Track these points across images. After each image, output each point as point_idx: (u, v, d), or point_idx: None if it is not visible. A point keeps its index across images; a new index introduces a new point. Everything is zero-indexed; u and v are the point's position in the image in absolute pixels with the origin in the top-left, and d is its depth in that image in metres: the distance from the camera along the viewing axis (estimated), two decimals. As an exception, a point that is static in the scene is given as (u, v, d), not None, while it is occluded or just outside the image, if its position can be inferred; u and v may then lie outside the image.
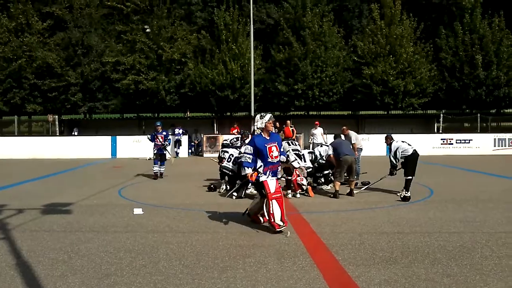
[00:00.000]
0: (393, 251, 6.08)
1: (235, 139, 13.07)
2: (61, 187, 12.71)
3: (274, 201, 7.04)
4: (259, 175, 7.20)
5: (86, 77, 28.96)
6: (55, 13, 29.29)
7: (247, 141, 12.18)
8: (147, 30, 28.61)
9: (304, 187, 10.10)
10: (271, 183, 7.14)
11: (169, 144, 15.19)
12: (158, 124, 14.93)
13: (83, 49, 29.26)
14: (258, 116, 7.44)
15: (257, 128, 7.42)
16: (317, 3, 29.17)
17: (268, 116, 7.33)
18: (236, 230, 7.32)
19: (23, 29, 28.75)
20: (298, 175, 7.64)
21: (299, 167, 8.47)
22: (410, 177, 10.49)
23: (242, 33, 28.92)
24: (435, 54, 29.10)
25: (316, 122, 19.50)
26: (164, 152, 14.73)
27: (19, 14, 28.64)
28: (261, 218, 7.50)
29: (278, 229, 6.94)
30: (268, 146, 7.24)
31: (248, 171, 7.23)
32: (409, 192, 10.33)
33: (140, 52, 28.52)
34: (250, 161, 7.24)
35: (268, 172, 7.23)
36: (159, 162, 14.55)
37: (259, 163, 7.23)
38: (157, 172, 14.49)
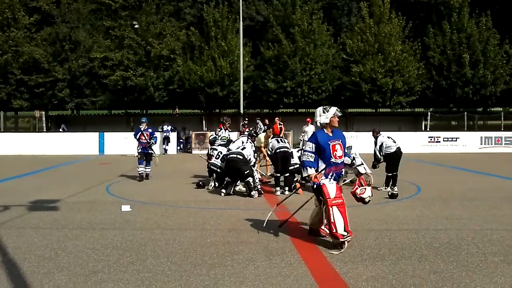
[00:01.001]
0: (381, 248, 6.12)
1: (218, 130, 13.03)
2: (47, 184, 12.58)
3: (334, 207, 6.14)
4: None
5: (73, 72, 28.75)
6: (42, 8, 29.02)
7: (256, 142, 12.23)
8: (136, 26, 28.47)
9: (367, 200, 6.99)
10: (331, 188, 6.23)
11: (155, 142, 13.81)
12: (143, 120, 13.72)
13: (71, 44, 29.02)
14: (320, 110, 6.45)
15: (319, 124, 6.51)
16: (307, 1, 29.32)
17: (333, 110, 6.41)
18: (224, 227, 7.31)
19: (9, 23, 28.43)
20: (361, 184, 6.48)
21: (365, 173, 6.99)
22: (391, 174, 10.83)
23: (232, 30, 28.89)
24: (423, 52, 29.36)
25: (308, 119, 19.51)
26: (150, 152, 13.44)
27: (5, 8, 28.30)
28: (326, 230, 6.37)
29: (342, 240, 6.03)
30: (331, 144, 6.32)
31: (311, 171, 6.30)
32: (390, 187, 10.63)
33: (128, 48, 28.37)
34: (312, 160, 6.32)
35: (331, 175, 6.31)
36: (144, 162, 13.26)
37: (321, 164, 6.34)
38: (142, 173, 13.22)
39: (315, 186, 6.30)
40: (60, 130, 28.83)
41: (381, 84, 27.76)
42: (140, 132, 13.32)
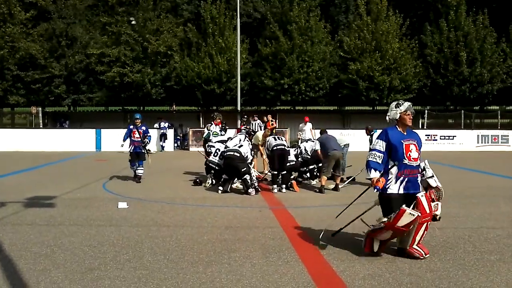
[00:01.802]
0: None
1: (209, 125, 13.03)
2: (44, 180, 12.55)
3: (423, 225, 5.44)
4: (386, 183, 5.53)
5: (70, 69, 28.63)
6: (39, 3, 28.87)
7: (253, 140, 12.24)
8: (133, 22, 28.37)
9: (439, 217, 6.10)
10: (424, 201, 5.47)
11: (149, 142, 12.70)
12: (137, 117, 12.62)
13: (67, 40, 28.90)
14: (393, 104, 5.79)
15: (388, 119, 5.78)
16: (304, -2, 29.23)
17: (406, 105, 5.69)
18: (221, 225, 7.30)
19: (5, 19, 28.26)
20: (433, 199, 5.71)
21: (435, 187, 5.70)
22: None
23: (229, 26, 28.84)
24: (420, 50, 29.39)
25: (306, 118, 19.43)
26: (142, 151, 12.30)
27: (1, 4, 28.14)
28: (420, 250, 5.53)
29: (421, 256, 5.45)
30: (405, 143, 5.55)
31: (374, 174, 5.50)
32: None
33: (125, 44, 28.27)
34: (379, 161, 5.53)
35: (402, 178, 5.52)
36: (136, 163, 12.13)
37: (394, 168, 5.57)
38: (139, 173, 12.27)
39: (375, 190, 5.57)
40: (65, 125, 28.61)
41: (378, 82, 27.77)
42: (133, 130, 12.28)
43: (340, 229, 6.34)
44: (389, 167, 5.55)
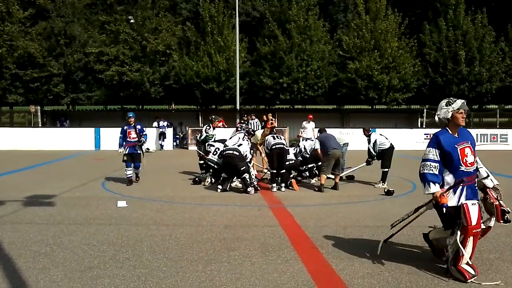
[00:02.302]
0: (377, 244, 6.12)
1: (207, 127, 13.02)
2: (43, 179, 12.53)
3: (471, 238, 4.86)
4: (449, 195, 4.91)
5: (69, 67, 28.58)
6: (37, 2, 28.80)
7: (253, 139, 12.22)
8: (131, 21, 28.31)
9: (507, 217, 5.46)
10: (473, 210, 4.82)
11: (145, 141, 12.09)
12: (131, 115, 11.81)
13: (66, 39, 28.84)
14: (443, 102, 5.13)
15: (438, 119, 5.20)
16: (303, -3, 29.19)
17: (459, 103, 5.00)
18: (220, 223, 7.31)
19: (3, 17, 28.15)
20: (496, 198, 5.08)
21: (493, 187, 5.28)
22: (387, 169, 11.17)
23: (228, 25, 28.81)
24: (419, 49, 29.39)
25: (310, 116, 19.15)
26: (138, 152, 11.69)
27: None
28: (472, 271, 4.84)
29: (468, 280, 4.75)
30: (459, 148, 4.94)
31: (434, 189, 4.91)
32: (386, 183, 10.96)
33: (124, 43, 28.21)
34: (436, 172, 4.94)
35: (461, 188, 4.92)
36: (132, 164, 11.48)
37: (449, 176, 4.98)
38: (131, 176, 11.47)
39: (442, 208, 4.84)
40: (65, 124, 28.30)
41: (377, 81, 27.77)
42: (128, 130, 11.54)
43: (393, 235, 5.95)
44: (444, 176, 4.98)
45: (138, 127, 11.68)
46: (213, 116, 13.84)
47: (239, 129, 12.96)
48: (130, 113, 12.03)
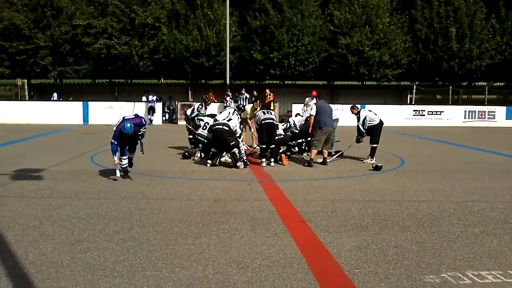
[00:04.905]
0: (364, 218, 6.21)
1: (200, 106, 12.95)
2: (31, 153, 12.44)
3: None
4: None
5: (56, 40, 28.08)
6: (22, -28, 28.03)
7: (242, 114, 12.15)
8: (120, -8, 27.72)
9: None
10: None
11: (143, 138, 9.29)
12: (128, 132, 8.46)
13: (53, 10, 28.25)
14: None
15: None
16: (295, -30, 28.72)
17: None
18: (210, 197, 7.34)
19: (-12, -12, 27.48)
20: None
21: None
22: (376, 145, 11.23)
23: (218, -2, 28.37)
24: (410, 25, 29.24)
25: (314, 92, 18.40)
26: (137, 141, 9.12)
27: (-17, -28, 27.29)
28: None
29: None
30: None
31: None
32: (374, 159, 10.98)
33: (112, 15, 27.64)
34: None
35: None
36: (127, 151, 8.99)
37: None
38: (126, 166, 8.84)
39: None
40: (53, 99, 26.94)
41: (368, 57, 27.68)
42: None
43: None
44: None
45: (137, 120, 8.98)
46: (207, 96, 13.77)
47: (227, 101, 12.92)
48: (127, 130, 8.41)
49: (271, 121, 10.81)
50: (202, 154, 11.31)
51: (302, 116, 12.67)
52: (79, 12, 28.28)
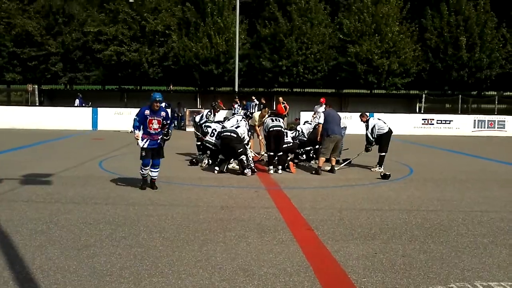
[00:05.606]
0: (372, 227, 6.17)
1: (209, 113, 12.98)
2: (41, 158, 12.53)
3: None
4: None
5: (67, 46, 28.36)
6: (35, -21, 28.44)
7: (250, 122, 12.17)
8: (131, 0, 27.96)
9: None
10: None
11: (171, 132, 9.22)
12: (158, 98, 8.18)
13: (64, 17, 28.59)
14: None
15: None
16: (304, -22, 28.84)
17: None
18: (217, 204, 7.33)
19: (1, -6, 27.88)
20: None
21: None
22: (384, 153, 11.18)
23: (228, 6, 28.54)
24: (420, 34, 29.17)
25: (323, 99, 18.35)
26: (161, 145, 8.48)
27: (-3, -21, 27.71)
28: None
29: None
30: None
31: None
32: (382, 167, 10.97)
33: (123, 22, 27.94)
34: None
35: None
36: (150, 162, 8.33)
37: None
38: (146, 175, 8.45)
39: None
40: (76, 104, 26.59)
41: (377, 65, 27.63)
42: (149, 118, 8.21)
43: None
44: None
45: (163, 114, 8.35)
46: (216, 103, 13.81)
47: (235, 109, 12.95)
48: (156, 94, 8.31)
49: (279, 128, 10.80)
50: (210, 161, 11.32)
51: (311, 124, 12.66)
52: (90, 19, 28.57)
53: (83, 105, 26.40)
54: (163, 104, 8.54)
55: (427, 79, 29.84)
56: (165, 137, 8.50)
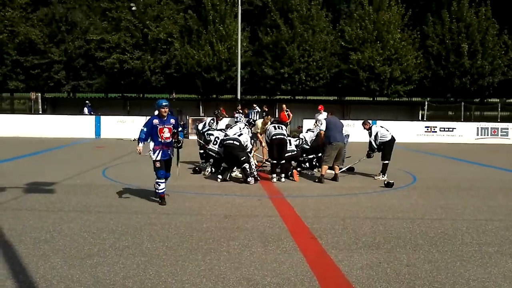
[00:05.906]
0: (376, 236, 6.14)
1: (212, 121, 13.00)
2: (43, 166, 12.53)
3: None
4: None
5: (70, 54, 28.47)
6: (38, -12, 28.62)
7: (253, 129, 12.19)
8: (133, 8, 28.12)
9: None
10: None
11: (183, 140, 8.58)
12: (165, 104, 7.93)
13: (67, 25, 28.72)
14: None
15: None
16: (306, -14, 28.96)
17: None
18: (220, 213, 7.32)
19: (4, 2, 28.02)
20: None
21: None
22: (387, 161, 11.17)
23: (230, 14, 28.63)
24: (421, 41, 29.22)
25: (321, 107, 18.53)
26: (171, 156, 8.16)
27: (1, -12, 27.88)
28: None
29: None
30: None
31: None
32: (386, 175, 10.95)
33: (125, 30, 28.06)
34: None
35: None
36: (164, 173, 7.96)
37: None
38: (163, 191, 7.94)
39: None
40: (85, 112, 26.34)
41: (379, 73, 27.66)
42: (160, 127, 7.83)
43: None
44: None
45: (172, 121, 8.05)
46: (219, 111, 13.83)
47: (237, 117, 12.97)
48: (162, 101, 8.02)
49: (282, 136, 10.79)
50: (213, 169, 11.32)
51: (313, 131, 12.66)
52: (93, 27, 28.69)
53: (92, 113, 26.38)
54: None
55: (429, 86, 29.83)
56: (177, 145, 8.18)
